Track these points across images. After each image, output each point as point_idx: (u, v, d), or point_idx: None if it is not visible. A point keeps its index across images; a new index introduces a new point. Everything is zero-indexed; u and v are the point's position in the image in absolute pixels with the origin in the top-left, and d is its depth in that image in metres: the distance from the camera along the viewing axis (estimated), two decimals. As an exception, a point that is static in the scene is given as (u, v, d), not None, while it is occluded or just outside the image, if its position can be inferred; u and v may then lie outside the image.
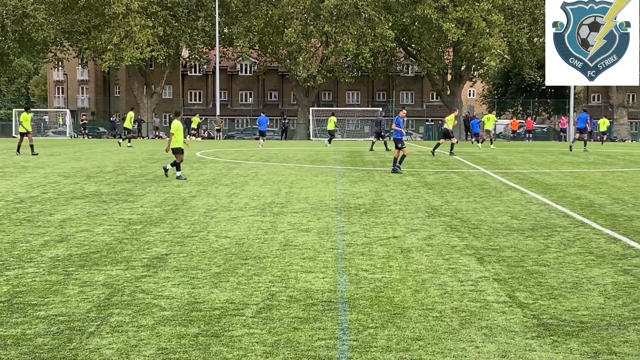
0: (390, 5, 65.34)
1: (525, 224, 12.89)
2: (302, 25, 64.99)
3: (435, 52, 68.04)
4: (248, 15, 66.39)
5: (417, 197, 16.67)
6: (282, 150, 38.40)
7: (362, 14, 65.01)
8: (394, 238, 11.36)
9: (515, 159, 31.18)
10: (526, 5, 67.24)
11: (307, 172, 23.31)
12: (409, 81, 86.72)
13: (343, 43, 63.74)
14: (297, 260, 9.67)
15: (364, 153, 34.91)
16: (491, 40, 62.30)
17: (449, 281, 8.53)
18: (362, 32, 64.08)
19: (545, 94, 78.35)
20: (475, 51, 63.56)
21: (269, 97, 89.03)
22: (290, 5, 64.49)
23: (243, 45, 65.26)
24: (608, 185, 19.77)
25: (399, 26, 67.15)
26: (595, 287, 8.26)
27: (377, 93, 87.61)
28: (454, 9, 62.95)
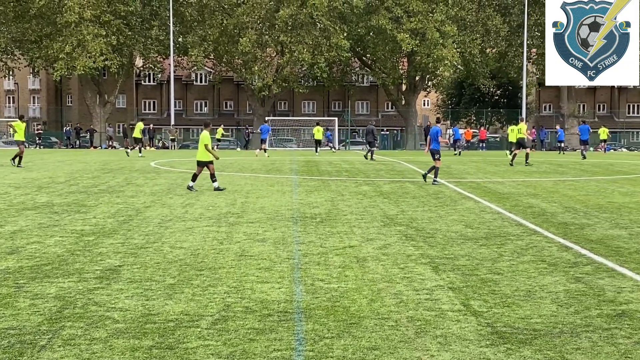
0: (345, 15, 65.71)
1: (479, 232, 13.02)
2: (257, 34, 64.99)
3: (390, 62, 68.57)
4: (203, 25, 66.18)
5: (373, 207, 16.74)
6: (237, 160, 38.28)
7: (317, 24, 65.25)
8: (350, 247, 11.38)
9: (469, 168, 31.50)
10: (479, 16, 68.17)
11: (263, 182, 23.26)
12: (364, 91, 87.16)
13: (298, 53, 63.88)
14: (253, 270, 9.63)
15: (320, 162, 34.96)
16: (445, 51, 63.01)
17: (404, 290, 8.57)
18: (317, 42, 64.30)
19: (498, 104, 79.40)
20: (429, 61, 64.24)
21: (225, 107, 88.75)
22: (245, 14, 64.44)
23: (198, 54, 65.01)
24: (560, 194, 20.06)
25: (354, 36, 67.57)
26: (548, 295, 8.37)
27: (333, 102, 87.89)
28: (408, 19, 63.54)
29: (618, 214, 15.70)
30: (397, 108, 75.62)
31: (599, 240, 12.23)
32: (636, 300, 8.15)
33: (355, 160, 37.68)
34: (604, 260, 10.39)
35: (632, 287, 8.76)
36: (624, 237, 12.50)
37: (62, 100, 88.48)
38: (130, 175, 25.51)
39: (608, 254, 10.93)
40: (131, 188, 20.91)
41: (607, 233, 13.00)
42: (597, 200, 18.30)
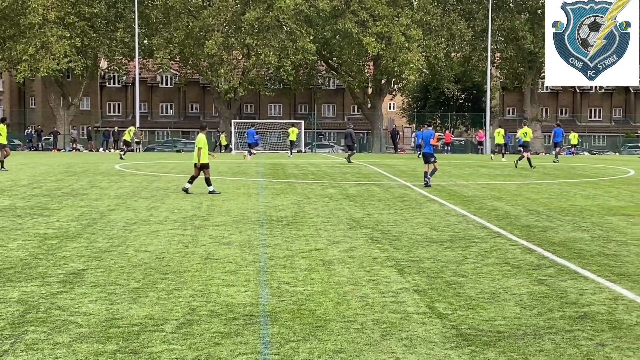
0: (311, 18, 65.74)
1: (444, 235, 13.09)
2: (223, 37, 64.77)
3: (355, 65, 68.73)
4: (168, 27, 65.78)
5: (339, 210, 16.76)
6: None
7: (283, 27, 65.20)
8: (316, 250, 11.38)
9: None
10: (444, 21, 68.60)
11: (229, 185, 23.17)
12: (331, 94, 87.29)
13: (265, 55, 63.77)
14: (219, 274, 9.59)
15: (286, 165, 34.93)
16: (410, 55, 63.31)
17: (370, 293, 8.58)
18: (283, 44, 64.25)
19: (463, 108, 79.98)
20: (395, 65, 64.51)
21: (190, 109, 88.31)
22: (211, 17, 64.19)
23: (163, 56, 64.61)
24: (523, 197, 20.25)
25: (320, 39, 67.64)
26: (512, 297, 8.43)
27: (299, 105, 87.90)
28: (374, 23, 63.75)
29: (580, 216, 15.88)
30: (363, 111, 75.82)
31: (562, 242, 12.36)
32: (598, 302, 8.25)
33: (322, 163, 37.72)
34: (566, 263, 10.50)
35: (594, 289, 8.87)
36: (586, 240, 12.65)
37: (25, 102, 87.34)
38: (95, 178, 25.27)
39: (570, 256, 11.05)
40: (95, 191, 20.72)
41: (570, 236, 13.15)
42: (559, 203, 18.50)
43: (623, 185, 24.45)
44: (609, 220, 15.26)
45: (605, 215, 16.07)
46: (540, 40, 71.21)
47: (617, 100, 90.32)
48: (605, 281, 9.30)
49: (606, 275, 9.64)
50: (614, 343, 6.73)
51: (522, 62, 74.68)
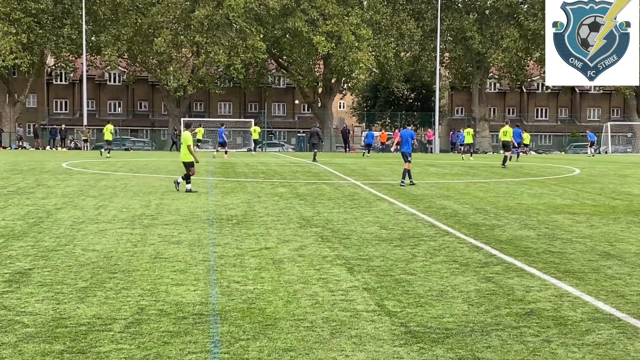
0: (261, 17, 65.58)
1: (394, 233, 13.18)
2: (172, 34, 64.24)
3: (306, 64, 68.76)
4: (116, 24, 65.01)
5: (289, 208, 16.76)
6: (152, 161, 37.78)
7: (233, 25, 64.93)
8: (266, 249, 11.37)
9: (384, 170, 31.87)
10: (393, 20, 69.02)
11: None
12: (281, 93, 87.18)
13: (214, 54, 63.43)
14: (168, 273, 9.52)
15: (236, 164, 34.81)
16: (360, 54, 63.59)
17: (320, 291, 8.61)
18: (233, 43, 63.97)
19: (412, 107, 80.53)
20: (345, 64, 64.70)
21: (139, 107, 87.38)
22: (160, 14, 63.61)
23: (111, 53, 63.84)
24: (471, 195, 20.49)
25: (270, 38, 67.52)
26: (460, 295, 8.53)
27: (249, 104, 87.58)
28: (324, 22, 63.87)
29: (527, 215, 16.14)
30: (313, 110, 75.90)
31: (509, 240, 12.55)
32: (544, 299, 8.39)
33: (272, 162, 37.67)
34: (513, 260, 10.66)
35: (540, 287, 9.02)
36: (532, 238, 12.86)
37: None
38: (41, 177, 24.88)
39: (517, 254, 11.22)
40: (42, 189, 20.40)
41: (516, 234, 13.35)
42: (506, 202, 18.77)
43: (568, 184, 24.90)
44: (554, 219, 15.53)
45: (551, 214, 16.35)
46: (488, 41, 72.29)
47: (563, 100, 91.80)
48: (550, 278, 9.47)
49: (552, 273, 9.81)
50: (559, 339, 6.86)
51: (470, 62, 75.56)
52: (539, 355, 6.40)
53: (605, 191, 22.11)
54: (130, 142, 70.96)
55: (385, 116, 79.76)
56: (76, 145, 66.11)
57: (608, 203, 18.80)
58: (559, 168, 35.28)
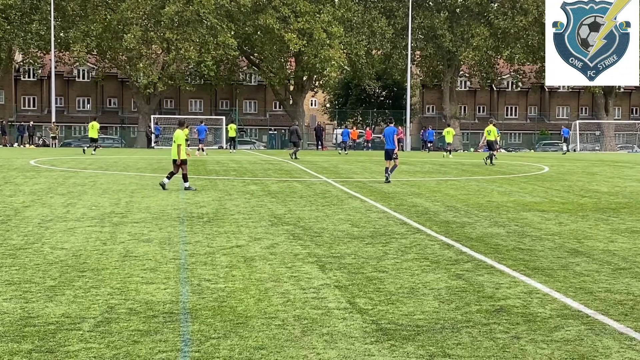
0: (232, 14, 65.38)
1: (365, 231, 13.22)
2: (142, 31, 63.83)
3: (277, 61, 68.69)
4: (85, 20, 64.47)
5: (261, 206, 16.74)
6: (122, 158, 37.52)
7: (204, 22, 64.65)
8: (238, 247, 11.35)
9: (356, 167, 31.93)
10: (365, 18, 69.17)
11: (148, 181, 22.88)
12: (252, 90, 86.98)
13: (185, 50, 63.13)
14: (138, 271, 9.47)
15: (207, 161, 34.68)
16: (331, 52, 63.64)
17: (291, 289, 8.60)
18: (204, 39, 63.72)
19: (384, 105, 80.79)
20: (317, 62, 64.74)
21: (108, 104, 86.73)
22: (130, 10, 63.16)
23: (80, 50, 63.34)
24: (442, 193, 20.60)
25: (242, 35, 67.35)
26: (430, 292, 8.58)
27: (220, 101, 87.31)
28: (296, 19, 63.83)
29: (497, 212, 16.26)
30: (284, 108, 75.87)
31: (479, 238, 12.63)
32: (514, 295, 8.46)
33: (243, 160, 37.59)
34: (483, 258, 10.74)
35: (510, 283, 9.09)
36: (502, 235, 12.96)
37: None
38: (9, 174, 24.61)
39: (487, 251, 11.30)
40: (9, 187, 20.18)
41: (487, 231, 13.45)
42: (477, 200, 18.89)
43: (537, 181, 25.12)
44: (524, 216, 15.66)
45: (521, 211, 16.49)
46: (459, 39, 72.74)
47: (532, 98, 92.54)
48: (520, 275, 9.55)
49: (521, 270, 9.89)
50: (528, 335, 6.92)
51: (441, 60, 76.01)
52: (508, 351, 6.45)
53: (573, 189, 22.34)
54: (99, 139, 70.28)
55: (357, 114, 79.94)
56: (44, 142, 65.47)
57: (576, 200, 19.00)
58: (528, 166, 35.57)
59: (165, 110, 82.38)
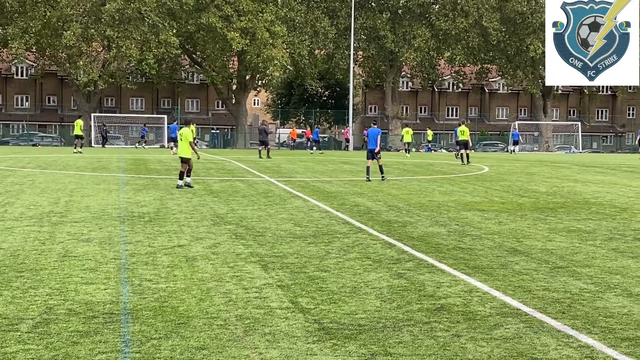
0: (174, 12, 64.77)
1: (308, 230, 13.24)
2: (82, 28, 62.82)
3: (220, 60, 68.29)
4: (24, 16, 63.15)
5: (203, 205, 16.64)
6: (61, 157, 36.88)
7: (145, 20, 63.93)
8: (179, 247, 11.26)
9: (298, 167, 31.94)
10: (308, 18, 69.24)
11: (88, 180, 22.56)
12: (194, 89, 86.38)
13: (126, 48, 62.33)
14: (77, 271, 9.33)
15: (149, 161, 34.31)
16: (274, 51, 63.51)
17: (233, 289, 8.57)
18: (145, 37, 62.99)
19: (326, 105, 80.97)
20: (259, 61, 64.51)
21: (48, 102, 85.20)
22: (70, 7, 62.08)
23: (18, 46, 62.00)
24: (384, 193, 20.74)
25: (184, 33, 66.78)
26: (372, 291, 8.63)
27: (162, 100, 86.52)
28: (238, 18, 63.56)
29: (438, 212, 16.43)
30: (227, 107, 75.46)
31: (420, 237, 12.75)
32: (454, 294, 8.56)
33: (185, 159, 37.26)
34: (424, 257, 10.84)
35: (450, 282, 9.19)
36: (443, 235, 13.10)
37: None
38: (-57, 173, 24.01)
39: (428, 250, 11.41)
40: (-56, 186, 19.68)
41: (428, 230, 13.58)
42: (418, 199, 19.06)
43: (478, 181, 25.47)
44: (464, 215, 15.86)
45: (461, 211, 16.69)
46: (401, 40, 73.38)
47: (473, 99, 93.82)
48: (460, 274, 9.66)
49: (461, 269, 10.02)
50: (468, 334, 7.01)
51: (383, 61, 76.53)
52: (449, 349, 6.53)
53: (513, 189, 22.71)
54: (38, 137, 69.12)
55: (299, 113, 79.95)
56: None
57: (516, 200, 19.31)
58: (468, 166, 36.04)
59: (106, 108, 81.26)
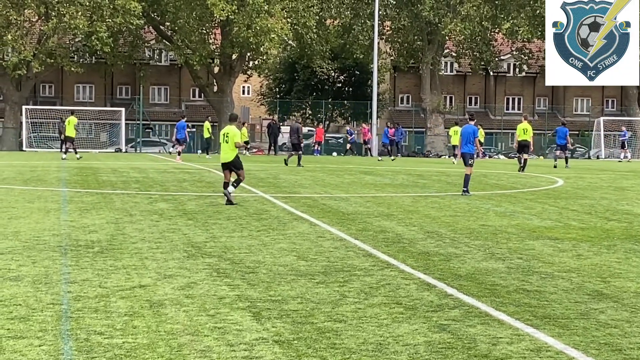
0: (136, -32, 65.19)
1: (316, 266, 13.22)
2: (10, -11, 63.32)
3: (197, 33, 68.43)
4: None
5: (173, 231, 16.66)
6: (-19, 165, 37.06)
7: (97, -20, 64.34)
8: (141, 287, 11.27)
9: (303, 179, 31.97)
10: (316, -23, 69.31)
11: (18, 197, 22.64)
12: (163, 72, 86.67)
13: (70, 17, 62.66)
14: (2, 321, 9.34)
15: (100, 170, 34.42)
16: (271, 21, 63.57)
17: (214, 345, 8.56)
18: (96, 3, 63.34)
19: (342, 94, 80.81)
20: (251, 35, 64.49)
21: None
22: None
23: None
24: (420, 214, 20.70)
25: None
26: (404, 349, 8.60)
27: (118, 87, 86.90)
28: (223, -23, 63.79)
29: (494, 240, 16.38)
30: (207, 96, 75.71)
31: (470, 275, 12.71)
32: (516, 354, 8.52)
33: (149, 167, 37.38)
34: (475, 302, 10.80)
35: (511, 338, 9.15)
36: (501, 272, 13.06)
37: None
38: None
39: (481, 293, 11.37)
40: None
41: (480, 266, 13.54)
42: (467, 223, 19.02)
43: (549, 199, 25.42)
44: (530, 246, 15.80)
45: (526, 239, 16.64)
46: (443, 6, 73.24)
47: (541, 87, 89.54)
48: (525, 326, 9.62)
49: (526, 319, 9.97)
50: (536, 408, 6.97)
51: (419, 35, 76.21)
52: None
53: (597, 209, 22.65)
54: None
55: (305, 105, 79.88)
56: None
57: (601, 225, 19.25)
58: (536, 178, 36.00)
59: (43, 98, 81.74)
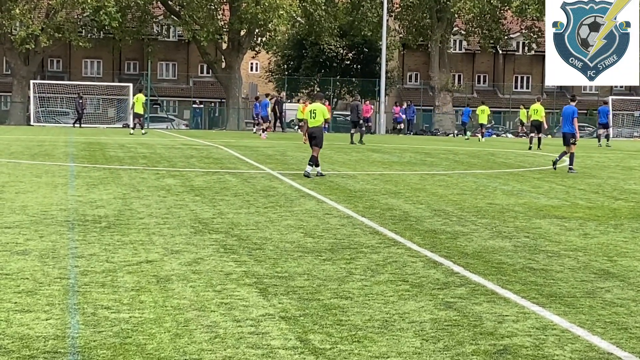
0: (144, -57, 65.09)
1: (323, 243, 13.24)
2: (18, -35, 63.21)
3: (205, 9, 68.32)
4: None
5: (180, 207, 16.68)
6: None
7: (105, -46, 64.19)
8: (148, 263, 11.29)
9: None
10: (325, -48, 69.16)
11: (25, 171, 22.67)
12: (171, 48, 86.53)
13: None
14: (10, 295, 9.38)
15: (107, 145, 34.44)
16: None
17: (221, 321, 8.58)
18: (105, -23, 63.21)
19: (350, 71, 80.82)
20: (259, 11, 64.44)
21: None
22: None
23: None
24: (427, 192, 20.71)
25: (157, -28, 67.01)
26: (410, 326, 8.61)
27: (126, 63, 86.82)
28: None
29: (501, 219, 16.39)
30: (215, 73, 75.59)
31: (477, 253, 12.72)
32: (522, 332, 8.53)
33: (157, 143, 37.40)
34: (482, 280, 10.81)
35: (517, 315, 9.16)
36: (508, 250, 13.06)
37: None
38: None
39: (487, 271, 11.38)
40: None
41: (487, 244, 13.55)
42: (474, 202, 19.03)
43: (556, 178, 25.38)
44: (537, 224, 15.81)
45: (533, 218, 16.64)
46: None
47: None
48: (531, 305, 9.63)
49: (533, 297, 9.98)
50: (541, 385, 6.99)
51: (428, 12, 76.15)
52: (514, 407, 6.52)
53: (604, 188, 22.63)
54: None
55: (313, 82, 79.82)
56: None
57: (608, 204, 19.24)
58: (544, 157, 35.94)
59: (51, 73, 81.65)
